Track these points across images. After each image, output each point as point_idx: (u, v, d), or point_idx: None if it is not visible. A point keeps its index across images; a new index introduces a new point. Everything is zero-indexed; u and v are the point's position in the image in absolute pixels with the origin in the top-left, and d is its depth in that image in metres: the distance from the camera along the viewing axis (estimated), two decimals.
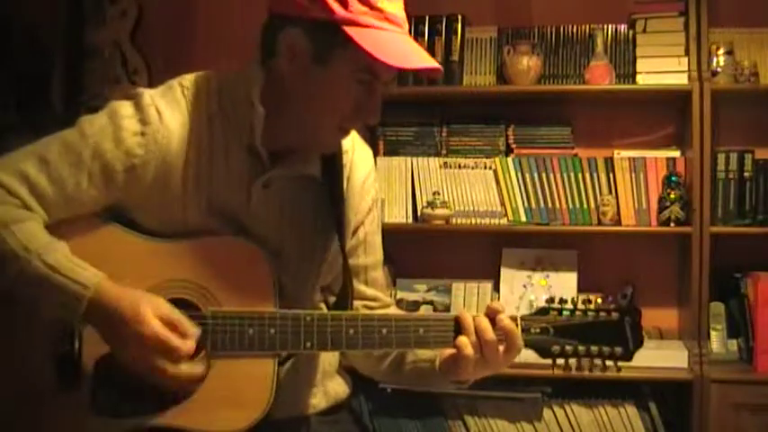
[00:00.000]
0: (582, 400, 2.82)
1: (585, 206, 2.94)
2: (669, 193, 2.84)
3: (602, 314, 1.43)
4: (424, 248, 3.17)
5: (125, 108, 1.38)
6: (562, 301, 1.44)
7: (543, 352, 1.41)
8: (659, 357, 2.77)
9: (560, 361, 1.42)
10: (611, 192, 2.93)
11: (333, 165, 1.48)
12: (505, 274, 3.03)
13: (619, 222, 2.92)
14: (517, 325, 1.39)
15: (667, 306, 3.04)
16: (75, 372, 1.37)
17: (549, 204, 2.95)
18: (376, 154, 3.06)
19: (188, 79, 1.44)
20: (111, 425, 1.37)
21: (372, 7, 1.32)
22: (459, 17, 3.01)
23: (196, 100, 1.41)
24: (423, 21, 3.02)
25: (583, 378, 2.79)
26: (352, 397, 1.64)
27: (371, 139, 3.11)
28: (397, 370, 1.54)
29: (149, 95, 1.39)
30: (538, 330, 1.41)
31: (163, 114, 1.37)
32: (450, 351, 1.42)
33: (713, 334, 2.84)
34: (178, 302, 1.38)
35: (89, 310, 1.30)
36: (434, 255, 3.16)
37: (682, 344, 2.86)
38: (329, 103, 1.37)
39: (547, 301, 1.44)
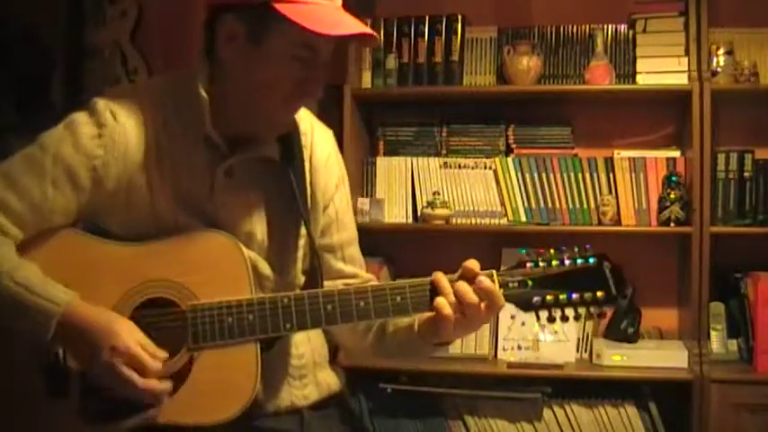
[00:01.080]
0: (582, 400, 2.82)
1: (585, 206, 2.94)
2: (669, 193, 2.84)
3: (580, 261, 1.43)
4: (424, 248, 3.16)
5: (80, 116, 1.43)
6: (536, 253, 1.43)
7: (524, 305, 1.41)
8: (659, 357, 2.78)
9: (543, 313, 1.41)
10: (611, 192, 2.93)
11: (291, 147, 1.51)
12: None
13: (619, 222, 2.92)
14: (494, 281, 1.39)
15: (667, 306, 3.04)
16: (63, 380, 1.38)
17: (549, 204, 2.95)
18: (375, 154, 3.07)
19: (140, 81, 1.50)
20: (102, 430, 1.38)
21: None
22: (459, 17, 3.01)
23: (150, 99, 1.45)
24: (423, 21, 3.02)
25: (583, 378, 2.80)
26: (348, 394, 1.64)
27: (371, 139, 3.12)
28: (381, 343, 1.56)
29: (103, 101, 1.43)
30: (516, 284, 1.41)
31: (118, 116, 1.42)
32: (428, 314, 1.42)
33: (713, 334, 2.84)
34: (157, 301, 1.40)
35: (60, 327, 1.33)
36: (434, 255, 3.14)
37: (682, 344, 2.86)
38: (270, 82, 1.39)
39: (520, 255, 1.44)
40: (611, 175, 2.93)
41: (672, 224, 2.83)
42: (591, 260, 1.43)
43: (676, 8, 2.88)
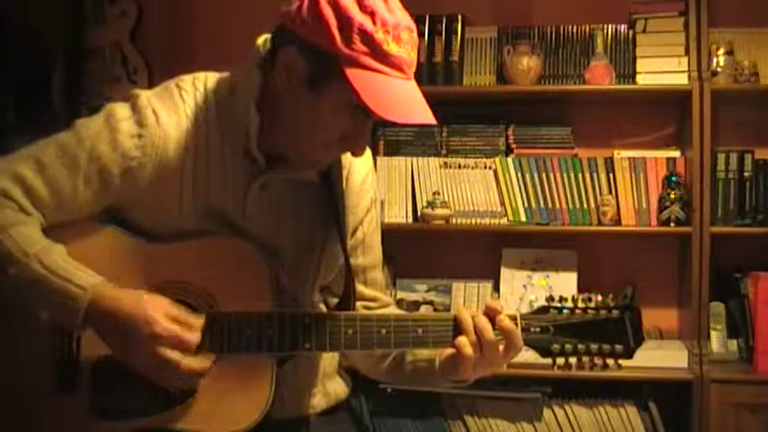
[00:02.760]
0: (582, 400, 2.82)
1: (585, 206, 2.94)
2: (669, 193, 2.84)
3: (603, 312, 1.42)
4: (424, 248, 3.16)
5: (122, 110, 1.37)
6: (562, 299, 1.43)
7: (543, 351, 1.40)
8: (659, 357, 2.78)
9: (560, 360, 1.41)
10: (611, 192, 2.93)
11: (330, 166, 1.47)
12: (505, 274, 3.03)
13: (619, 222, 2.92)
14: (517, 324, 1.38)
15: (667, 306, 3.04)
16: (73, 376, 1.37)
17: (549, 204, 2.95)
18: (376, 154, 3.07)
19: (185, 81, 1.43)
20: (109, 428, 1.37)
21: (376, 50, 1.27)
22: (459, 17, 3.01)
23: (193, 102, 1.40)
24: (423, 21, 3.02)
25: (583, 378, 2.80)
26: (351, 397, 1.63)
27: (371, 139, 3.12)
28: (397, 370, 1.53)
29: (146, 97, 1.38)
30: (538, 329, 1.40)
31: (160, 116, 1.36)
32: (449, 351, 1.41)
33: (713, 334, 2.84)
34: (176, 304, 1.37)
35: (88, 313, 1.29)
36: (434, 255, 3.16)
37: (682, 344, 2.86)
38: (315, 129, 1.34)
39: (547, 300, 1.43)
40: (611, 175, 2.93)
41: (672, 224, 2.83)
42: (614, 312, 1.43)
43: (676, 8, 2.88)
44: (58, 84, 3.31)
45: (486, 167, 2.99)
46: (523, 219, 2.96)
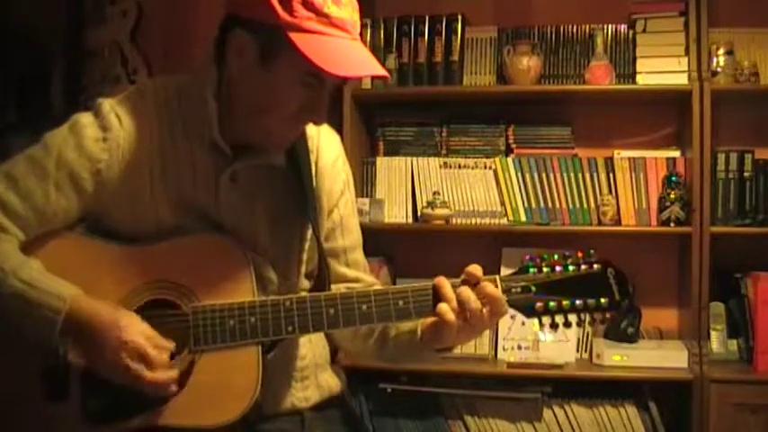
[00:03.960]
0: (582, 400, 2.82)
1: (585, 206, 2.94)
2: (669, 193, 2.84)
3: (584, 267, 1.42)
4: (424, 248, 3.16)
5: (85, 118, 1.42)
6: (541, 258, 1.42)
7: (527, 311, 1.41)
8: (659, 357, 2.78)
9: (546, 319, 1.41)
10: (611, 192, 2.93)
11: (297, 151, 1.50)
12: (505, 274, 3.02)
13: (619, 222, 2.92)
14: (497, 286, 1.39)
15: (667, 306, 3.04)
16: (63, 383, 1.38)
17: (549, 204, 2.95)
18: (376, 154, 3.07)
19: (146, 84, 1.49)
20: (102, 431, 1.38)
21: (318, 13, 1.32)
22: (459, 17, 3.01)
23: (155, 103, 1.44)
24: (423, 21, 3.02)
25: (583, 378, 2.80)
26: (349, 395, 1.64)
27: (371, 139, 3.12)
28: (383, 347, 1.55)
29: (108, 103, 1.43)
30: (519, 290, 1.40)
31: (123, 119, 1.41)
32: (431, 319, 1.42)
33: (713, 334, 2.84)
34: (159, 303, 1.39)
35: (67, 323, 1.32)
36: (434, 255, 3.15)
37: (682, 344, 2.86)
38: (273, 104, 1.38)
39: (527, 260, 1.42)
40: (611, 175, 2.93)
41: (672, 224, 2.83)
42: (595, 266, 1.42)
43: (676, 8, 2.88)
44: (57, 83, 3.31)
45: (486, 167, 2.99)
46: (523, 219, 2.96)
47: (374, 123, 3.11)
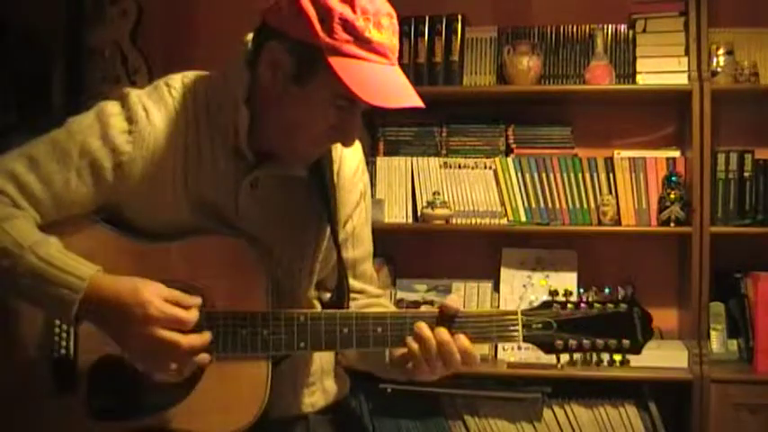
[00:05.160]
0: (582, 400, 2.82)
1: (585, 206, 2.94)
2: (669, 193, 2.84)
3: (610, 306, 1.38)
4: (424, 248, 3.17)
5: (112, 107, 1.39)
6: (567, 293, 1.40)
7: (546, 347, 1.38)
8: (659, 357, 2.77)
9: (564, 356, 1.39)
10: (611, 192, 2.93)
11: (320, 162, 1.48)
12: (505, 274, 3.03)
13: (619, 222, 2.92)
14: (518, 320, 1.37)
15: (667, 306, 3.04)
16: (71, 376, 1.37)
17: (549, 204, 2.95)
18: (376, 154, 3.07)
19: (175, 79, 1.44)
20: (107, 428, 1.37)
21: (358, 37, 1.28)
22: (459, 17, 3.01)
23: (183, 100, 1.41)
24: (423, 21, 3.01)
25: (583, 378, 2.80)
26: (351, 397, 1.64)
27: (371, 139, 3.11)
28: (362, 359, 1.55)
29: (136, 95, 1.40)
30: (540, 325, 1.37)
31: (150, 113, 1.38)
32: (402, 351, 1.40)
33: (713, 334, 2.84)
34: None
35: (85, 302, 1.29)
36: (434, 255, 3.16)
37: (682, 344, 2.86)
38: (304, 122, 1.35)
39: (550, 294, 1.40)
40: (611, 175, 2.93)
41: (672, 224, 2.83)
42: (621, 306, 1.38)
43: (676, 8, 2.88)
44: (57, 83, 3.31)
45: (486, 167, 2.99)
46: (523, 219, 2.96)
47: (374, 123, 3.11)
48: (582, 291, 1.41)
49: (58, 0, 3.31)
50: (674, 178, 2.85)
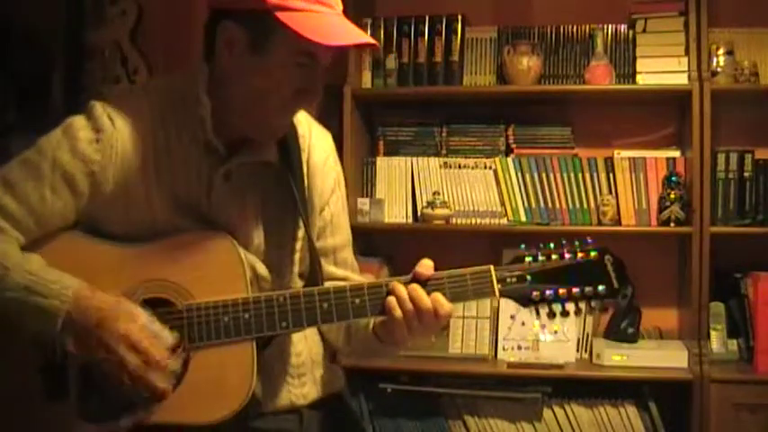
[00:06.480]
0: (582, 400, 2.82)
1: (585, 206, 2.94)
2: (669, 193, 2.84)
3: (581, 254, 1.40)
4: (424, 248, 3.13)
5: (78, 121, 1.44)
6: (537, 247, 1.41)
7: (523, 300, 1.40)
8: (659, 357, 2.78)
9: (543, 308, 1.40)
10: (611, 192, 2.93)
11: (289, 149, 1.51)
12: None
13: (619, 222, 2.92)
14: (491, 276, 1.39)
15: (667, 306, 3.04)
16: (61, 381, 1.38)
17: (549, 204, 2.95)
18: (376, 154, 3.07)
19: (139, 84, 1.50)
20: (99, 429, 1.38)
21: None
22: (459, 17, 3.01)
23: (149, 102, 1.45)
24: (423, 21, 3.02)
25: (583, 378, 2.80)
26: (349, 395, 1.64)
27: (371, 139, 3.12)
28: (348, 341, 1.58)
29: (100, 105, 1.44)
30: (514, 279, 1.40)
31: (115, 120, 1.42)
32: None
33: (713, 334, 2.84)
34: (154, 301, 1.40)
35: (70, 314, 1.32)
36: (434, 255, 3.12)
37: (682, 344, 2.86)
38: (270, 88, 1.39)
39: (522, 249, 1.42)
40: (611, 175, 2.93)
41: (672, 224, 2.83)
42: (592, 253, 1.40)
43: (676, 8, 2.88)
44: (57, 84, 3.31)
45: (486, 167, 2.99)
46: (523, 219, 2.96)
47: (374, 123, 3.11)
48: (551, 245, 1.42)
49: (58, 0, 3.31)
50: (674, 178, 2.85)
